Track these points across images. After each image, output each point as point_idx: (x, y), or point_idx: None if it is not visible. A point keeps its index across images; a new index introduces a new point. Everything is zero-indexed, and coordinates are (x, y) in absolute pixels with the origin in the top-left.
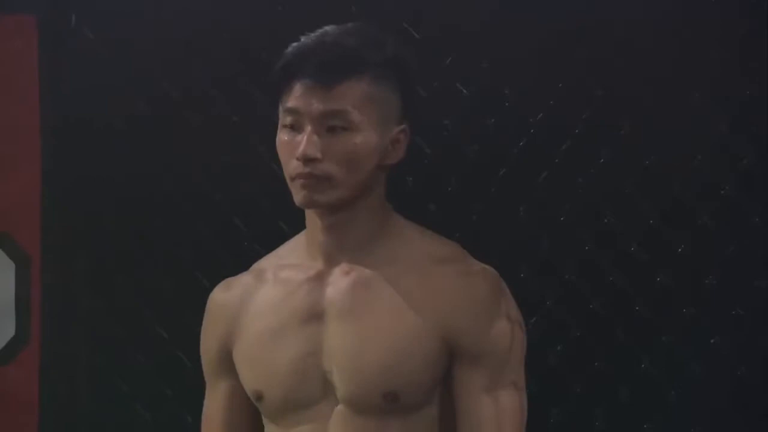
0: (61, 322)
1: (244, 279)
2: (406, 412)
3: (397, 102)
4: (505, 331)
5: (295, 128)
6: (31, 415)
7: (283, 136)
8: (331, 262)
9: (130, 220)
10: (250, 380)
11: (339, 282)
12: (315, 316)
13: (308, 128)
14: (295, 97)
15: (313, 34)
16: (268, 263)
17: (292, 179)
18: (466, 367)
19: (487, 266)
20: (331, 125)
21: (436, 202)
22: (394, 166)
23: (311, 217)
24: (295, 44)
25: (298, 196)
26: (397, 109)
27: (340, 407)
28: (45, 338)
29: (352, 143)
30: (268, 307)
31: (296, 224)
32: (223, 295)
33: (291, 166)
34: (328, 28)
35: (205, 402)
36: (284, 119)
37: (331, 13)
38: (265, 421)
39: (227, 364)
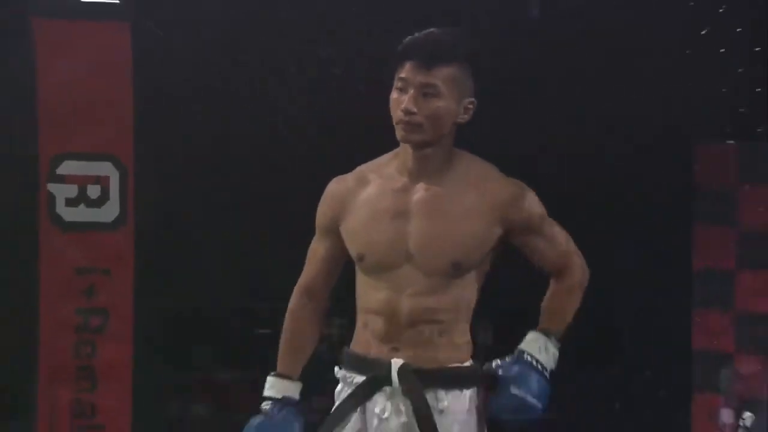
0: (147, 209)
1: (350, 178)
2: (462, 273)
3: (470, 84)
4: (537, 206)
5: (402, 91)
6: (127, 271)
7: (394, 95)
8: (414, 179)
9: (200, 141)
10: (354, 247)
11: (420, 193)
12: (402, 213)
13: (411, 92)
14: (406, 71)
15: (422, 32)
16: (368, 169)
17: (397, 123)
18: (522, 235)
19: (515, 179)
20: (425, 92)
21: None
22: (462, 125)
23: (405, 148)
24: (410, 37)
25: (399, 134)
26: (469, 88)
27: (416, 270)
28: (137, 220)
29: (437, 106)
30: (369, 201)
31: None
32: (336, 186)
33: (397, 114)
34: (433, 29)
35: (312, 244)
36: (396, 84)
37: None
38: (360, 276)
39: (332, 230)
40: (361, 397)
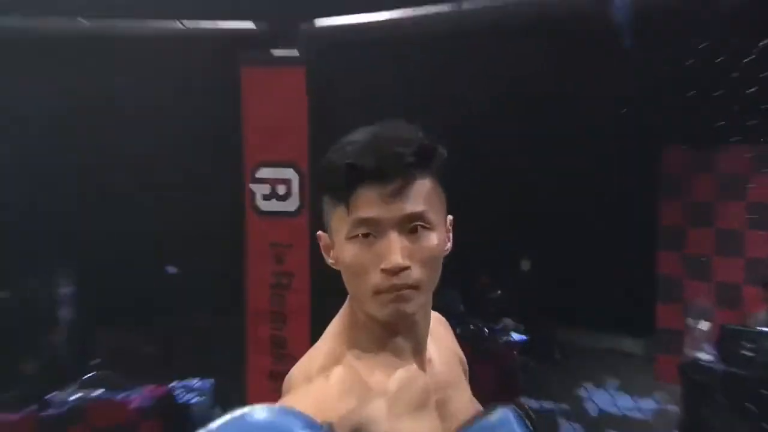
0: (319, 202)
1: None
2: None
3: (443, 192)
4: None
5: (371, 237)
6: (305, 245)
7: (353, 250)
8: (416, 358)
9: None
10: None
11: (430, 376)
12: (425, 406)
13: (391, 234)
14: (367, 204)
15: (364, 139)
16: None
17: (376, 294)
18: None
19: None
20: (412, 228)
21: None
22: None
23: (376, 321)
24: (349, 146)
25: (384, 310)
26: (444, 199)
27: None
28: (312, 210)
29: (433, 245)
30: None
31: None
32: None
33: (375, 279)
34: (376, 130)
35: None
36: (352, 231)
37: None
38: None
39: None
40: None
